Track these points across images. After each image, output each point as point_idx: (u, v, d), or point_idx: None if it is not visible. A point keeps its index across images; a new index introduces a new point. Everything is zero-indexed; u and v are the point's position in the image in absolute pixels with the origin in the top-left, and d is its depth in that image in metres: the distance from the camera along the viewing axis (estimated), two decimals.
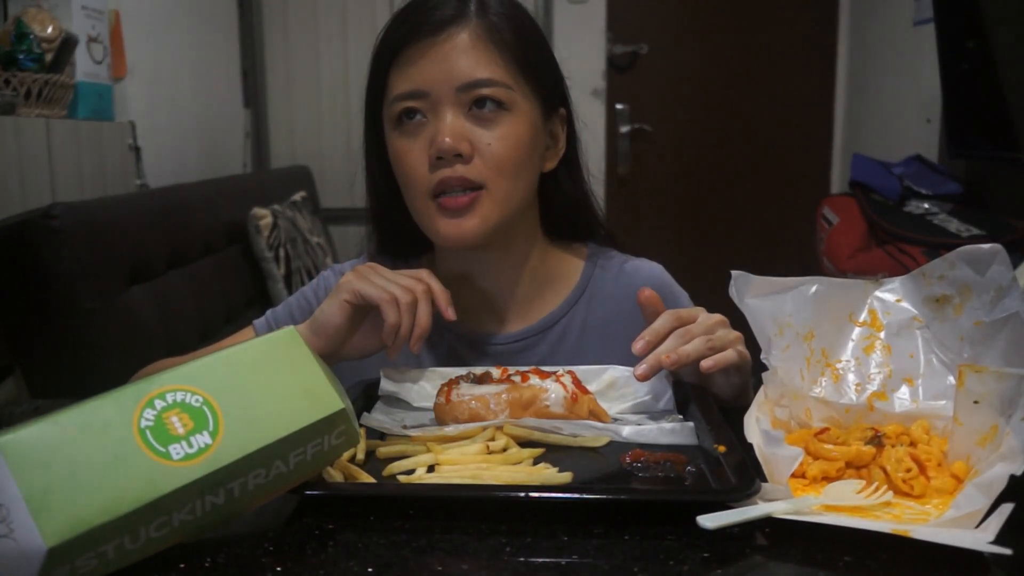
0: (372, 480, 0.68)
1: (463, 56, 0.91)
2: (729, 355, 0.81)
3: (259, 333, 1.01)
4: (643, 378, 0.80)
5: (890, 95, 2.95)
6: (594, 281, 1.06)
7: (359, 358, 0.90)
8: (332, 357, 0.88)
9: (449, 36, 0.91)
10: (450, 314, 0.87)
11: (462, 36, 0.91)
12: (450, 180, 0.91)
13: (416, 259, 1.08)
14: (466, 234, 0.93)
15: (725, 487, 0.63)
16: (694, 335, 0.81)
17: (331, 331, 0.86)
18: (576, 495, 0.62)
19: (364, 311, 0.87)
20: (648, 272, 1.08)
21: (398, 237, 1.05)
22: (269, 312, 1.06)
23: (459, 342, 1.03)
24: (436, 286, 0.87)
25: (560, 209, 1.05)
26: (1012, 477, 0.58)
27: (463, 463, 0.69)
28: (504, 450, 0.73)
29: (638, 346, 0.81)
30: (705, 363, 0.80)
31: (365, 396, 0.87)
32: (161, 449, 0.53)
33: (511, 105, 0.93)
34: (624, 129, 3.39)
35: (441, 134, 0.90)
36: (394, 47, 0.93)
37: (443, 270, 1.03)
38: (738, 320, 0.83)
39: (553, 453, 0.74)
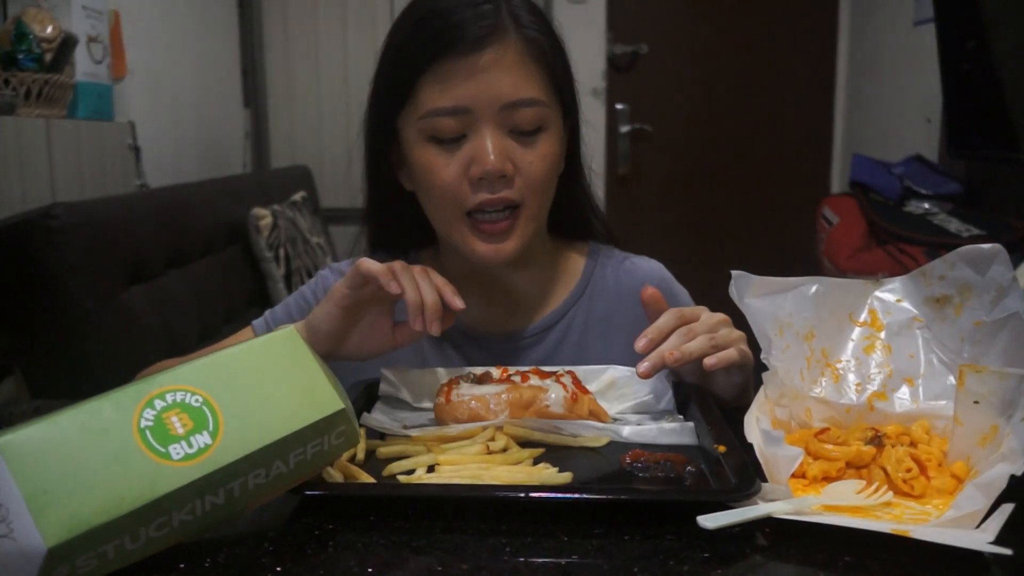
0: (372, 480, 0.68)
1: (507, 75, 0.89)
2: (731, 353, 0.81)
3: (258, 334, 1.00)
4: (646, 375, 0.80)
5: (890, 95, 2.95)
6: (595, 278, 1.06)
7: (358, 360, 0.90)
8: (328, 357, 0.87)
9: (493, 54, 0.89)
10: (457, 303, 0.82)
11: (507, 55, 0.90)
12: (492, 202, 0.91)
13: (415, 252, 1.07)
14: (506, 256, 0.93)
15: (725, 487, 0.63)
16: (697, 333, 0.81)
17: (324, 336, 0.85)
18: (576, 495, 0.62)
19: (356, 313, 0.86)
20: (649, 270, 1.08)
21: (398, 230, 1.05)
22: (268, 313, 1.05)
23: (464, 340, 1.03)
24: (438, 277, 0.84)
25: (563, 208, 1.05)
26: (1012, 477, 0.58)
27: (463, 463, 0.69)
28: (504, 450, 0.73)
29: (641, 344, 0.81)
30: (708, 361, 0.80)
31: (365, 396, 0.87)
32: (161, 449, 0.53)
33: (547, 124, 0.93)
34: (624, 129, 3.39)
35: (486, 155, 0.89)
36: (425, 58, 0.90)
37: (449, 267, 1.03)
38: (738, 320, 0.83)
39: (553, 453, 0.74)
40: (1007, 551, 0.52)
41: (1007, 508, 0.56)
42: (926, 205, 2.34)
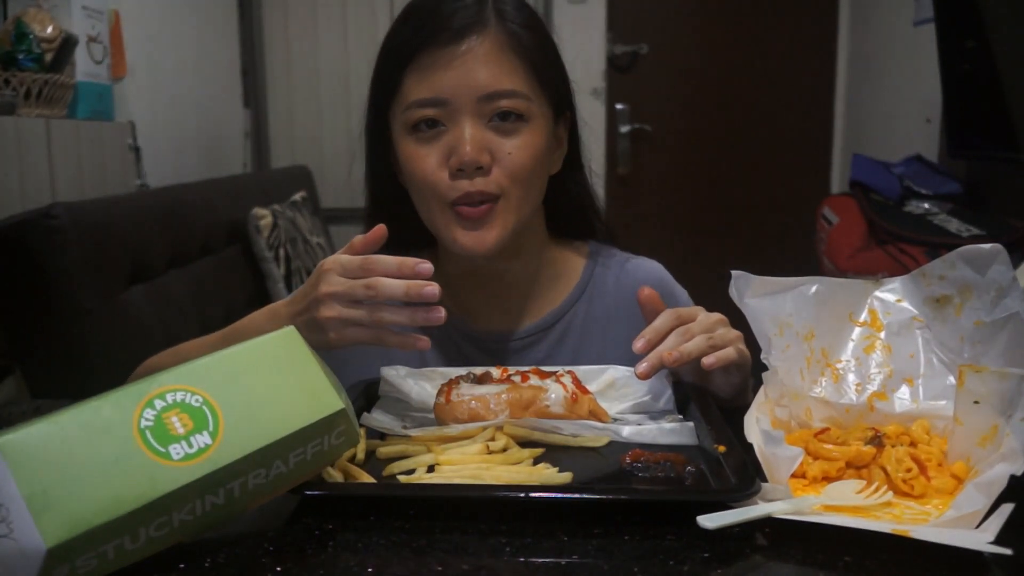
0: (372, 480, 0.68)
1: (485, 66, 0.90)
2: (729, 353, 0.81)
3: None
4: (644, 376, 0.80)
5: (890, 95, 2.95)
6: (595, 278, 1.07)
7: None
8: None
9: (470, 44, 0.90)
10: (429, 293, 0.77)
11: (484, 45, 0.91)
12: (470, 194, 0.91)
13: (416, 251, 1.08)
14: (485, 245, 0.92)
15: (725, 487, 0.63)
16: (694, 333, 0.82)
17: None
18: (576, 495, 0.62)
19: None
20: (648, 270, 1.08)
21: (398, 229, 1.05)
22: None
23: (463, 340, 1.03)
24: (398, 282, 0.78)
25: (563, 209, 1.05)
26: (1012, 477, 0.58)
27: (463, 463, 0.69)
28: (504, 450, 0.73)
29: (639, 344, 0.81)
30: (706, 360, 0.80)
31: (365, 396, 0.87)
32: (161, 449, 0.53)
33: (529, 116, 0.93)
34: (624, 129, 3.39)
35: (463, 145, 0.89)
36: (410, 50, 0.92)
37: (448, 267, 1.03)
38: (738, 320, 0.83)
39: (553, 453, 0.74)
40: (1007, 551, 0.52)
41: (1007, 508, 0.56)
42: (926, 205, 2.33)
